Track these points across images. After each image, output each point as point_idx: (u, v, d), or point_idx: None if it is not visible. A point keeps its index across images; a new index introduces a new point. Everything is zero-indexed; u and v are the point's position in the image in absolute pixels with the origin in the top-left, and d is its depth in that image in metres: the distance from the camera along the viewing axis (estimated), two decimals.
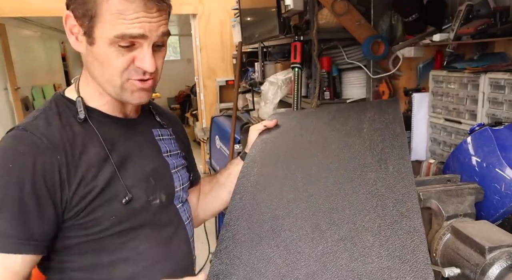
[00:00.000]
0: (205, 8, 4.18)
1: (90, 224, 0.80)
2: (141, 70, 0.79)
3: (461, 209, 0.90)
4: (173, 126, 1.05)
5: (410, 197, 0.73)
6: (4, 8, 3.67)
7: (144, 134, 0.94)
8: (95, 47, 0.77)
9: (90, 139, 0.82)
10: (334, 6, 1.72)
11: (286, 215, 0.80)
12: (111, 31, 0.74)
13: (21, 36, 5.77)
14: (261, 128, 1.15)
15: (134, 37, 0.75)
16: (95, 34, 0.76)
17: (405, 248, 0.63)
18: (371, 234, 0.68)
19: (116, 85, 0.80)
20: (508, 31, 1.21)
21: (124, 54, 0.77)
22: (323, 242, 0.70)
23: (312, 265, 0.67)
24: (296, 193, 0.86)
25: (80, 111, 0.83)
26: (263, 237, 0.77)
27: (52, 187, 0.75)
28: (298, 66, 1.99)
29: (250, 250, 0.76)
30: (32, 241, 0.74)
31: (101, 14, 0.74)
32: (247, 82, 3.05)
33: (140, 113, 0.96)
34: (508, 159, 0.92)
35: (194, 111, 6.09)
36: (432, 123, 1.48)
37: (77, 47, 0.81)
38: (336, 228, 0.72)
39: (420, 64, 1.71)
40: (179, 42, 9.60)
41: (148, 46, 0.77)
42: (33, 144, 0.75)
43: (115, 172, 0.82)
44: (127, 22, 0.73)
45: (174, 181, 0.96)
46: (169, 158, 0.97)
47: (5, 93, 5.08)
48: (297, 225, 0.76)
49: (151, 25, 0.75)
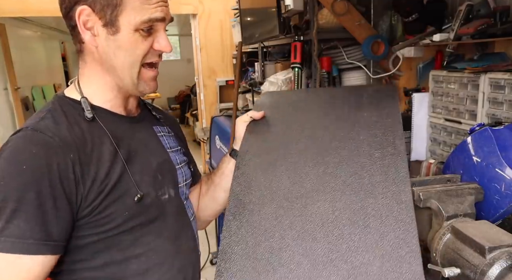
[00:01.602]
0: (205, 8, 4.18)
1: (103, 221, 0.80)
2: (157, 52, 0.86)
3: (461, 209, 0.90)
4: (169, 123, 1.06)
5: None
6: (4, 8, 3.67)
7: (147, 131, 0.95)
8: (120, 35, 0.81)
9: (98, 136, 0.82)
10: (334, 6, 1.72)
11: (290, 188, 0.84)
12: (138, 16, 0.80)
13: (21, 36, 5.77)
14: (247, 120, 1.08)
15: (157, 20, 0.82)
16: (119, 22, 0.80)
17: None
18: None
19: (134, 74, 0.85)
20: (508, 31, 1.21)
21: (147, 38, 0.83)
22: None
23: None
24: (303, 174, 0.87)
25: (87, 110, 0.83)
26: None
27: (68, 186, 0.75)
28: (298, 66, 1.99)
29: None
30: (51, 242, 0.74)
31: (127, 2, 0.79)
32: (247, 82, 3.05)
33: (139, 110, 0.97)
34: (508, 159, 0.92)
35: (194, 111, 6.09)
36: (432, 123, 1.48)
37: (93, 42, 0.82)
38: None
39: (420, 64, 1.71)
40: (179, 42, 9.60)
41: (163, 28, 0.85)
42: (46, 144, 0.75)
43: (125, 168, 0.82)
44: (150, 7, 0.80)
45: (178, 176, 0.97)
46: (172, 154, 0.98)
47: (5, 93, 5.08)
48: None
49: (167, 9, 0.84)
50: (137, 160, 0.87)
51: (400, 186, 0.78)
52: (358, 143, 0.90)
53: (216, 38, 4.28)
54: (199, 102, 4.58)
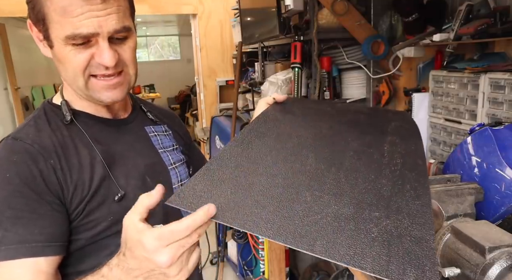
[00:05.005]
0: (205, 8, 4.18)
1: (89, 225, 0.80)
2: (102, 66, 0.77)
3: (461, 209, 0.90)
4: (168, 122, 1.04)
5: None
6: (4, 8, 3.67)
7: (136, 133, 0.93)
8: (54, 49, 0.77)
9: (79, 141, 0.82)
10: (334, 6, 1.72)
11: (287, 179, 0.71)
12: (62, 31, 0.73)
13: (21, 36, 5.77)
14: (270, 101, 1.03)
15: (85, 36, 0.73)
16: (51, 37, 0.76)
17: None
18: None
19: (81, 85, 0.79)
20: (508, 31, 1.21)
21: (82, 51, 0.75)
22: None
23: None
24: (303, 167, 0.76)
25: (66, 114, 0.83)
26: (255, 183, 0.68)
27: (55, 189, 0.75)
28: (298, 66, 1.99)
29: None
30: (54, 243, 0.74)
31: (49, 14, 0.73)
32: (247, 82, 3.05)
33: (131, 112, 0.95)
34: (508, 159, 0.92)
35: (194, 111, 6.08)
36: (432, 123, 1.48)
37: (46, 54, 0.81)
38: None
39: (420, 64, 1.71)
40: (179, 42, 9.60)
41: (103, 40, 0.74)
42: (26, 152, 0.75)
43: (107, 172, 0.82)
44: (74, 20, 0.71)
45: (171, 177, 0.95)
46: (164, 154, 0.96)
47: (5, 93, 5.09)
48: (297, 190, 0.69)
49: (100, 20, 0.72)
50: (122, 163, 0.85)
51: None
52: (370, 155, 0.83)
53: (216, 38, 4.28)
54: (199, 102, 4.58)
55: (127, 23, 0.77)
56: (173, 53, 9.74)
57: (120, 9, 0.75)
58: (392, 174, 0.77)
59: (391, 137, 0.93)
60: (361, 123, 1.06)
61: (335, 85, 2.01)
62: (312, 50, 1.91)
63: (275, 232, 0.57)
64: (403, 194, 0.71)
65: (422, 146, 0.92)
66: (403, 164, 0.81)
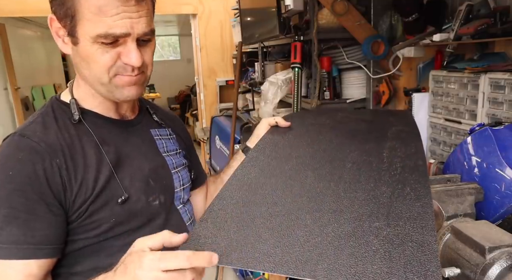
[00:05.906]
0: (205, 8, 4.18)
1: (91, 226, 0.80)
2: (129, 66, 0.78)
3: (461, 209, 0.90)
4: (172, 125, 1.04)
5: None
6: (4, 8, 3.67)
7: (141, 135, 0.93)
8: (79, 46, 0.77)
9: (86, 141, 0.82)
10: (334, 6, 1.72)
11: (287, 204, 0.73)
12: (94, 29, 0.73)
13: (21, 36, 5.77)
14: (272, 123, 1.07)
15: (117, 36, 0.74)
16: (78, 34, 0.75)
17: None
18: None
19: (105, 82, 0.79)
20: (508, 31, 1.21)
21: (109, 50, 0.76)
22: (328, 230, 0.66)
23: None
24: (302, 188, 0.79)
25: (74, 112, 0.83)
26: (256, 216, 0.70)
27: (57, 190, 0.75)
28: (298, 66, 1.99)
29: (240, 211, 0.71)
30: (46, 246, 0.74)
31: (81, 12, 0.73)
32: (247, 82, 3.05)
33: (137, 113, 0.95)
34: (508, 159, 0.92)
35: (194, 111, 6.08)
36: (432, 123, 1.48)
37: (64, 50, 0.81)
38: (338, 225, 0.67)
39: (420, 64, 1.71)
40: (179, 42, 9.59)
41: (132, 41, 0.76)
42: (32, 150, 0.75)
43: (112, 173, 0.82)
44: (108, 19, 0.72)
45: (174, 181, 0.95)
46: (168, 158, 0.96)
47: (5, 93, 5.09)
48: (297, 214, 0.70)
49: (132, 21, 0.74)
50: (127, 164, 0.85)
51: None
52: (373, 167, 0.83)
53: (216, 38, 4.28)
54: (199, 102, 4.58)
55: (153, 27, 0.80)
56: (173, 53, 9.73)
57: (149, 13, 0.78)
58: (392, 179, 0.78)
59: (390, 143, 0.94)
60: (361, 131, 1.07)
61: (335, 85, 2.01)
62: (312, 50, 1.91)
63: (276, 264, 0.58)
64: (403, 198, 0.71)
65: (422, 147, 0.92)
66: (403, 167, 0.82)
